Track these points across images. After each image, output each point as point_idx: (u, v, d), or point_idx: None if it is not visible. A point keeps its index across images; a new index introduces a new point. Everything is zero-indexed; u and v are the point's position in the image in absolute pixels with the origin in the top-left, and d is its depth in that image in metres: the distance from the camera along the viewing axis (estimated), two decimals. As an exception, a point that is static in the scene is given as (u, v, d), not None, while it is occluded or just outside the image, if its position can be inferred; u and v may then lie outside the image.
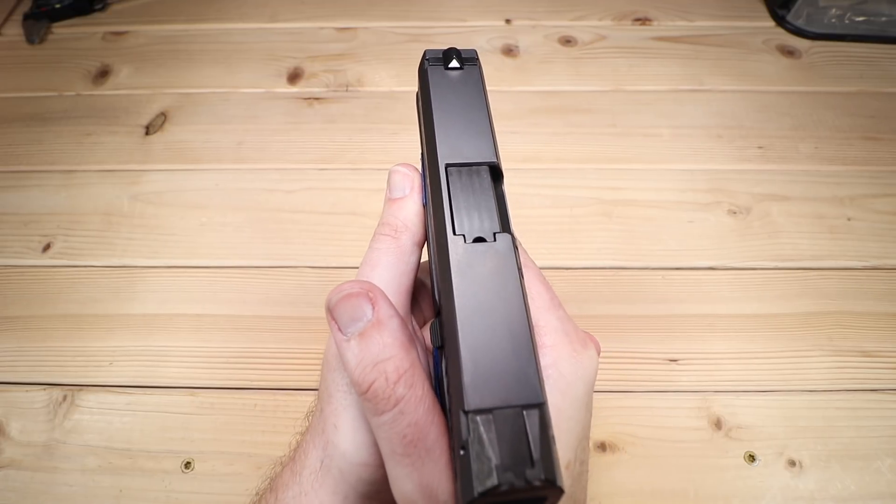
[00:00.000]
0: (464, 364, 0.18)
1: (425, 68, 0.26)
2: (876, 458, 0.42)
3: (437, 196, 0.23)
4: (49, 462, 0.42)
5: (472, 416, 0.18)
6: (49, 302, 0.51)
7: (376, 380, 0.21)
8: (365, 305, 0.22)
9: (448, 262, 0.21)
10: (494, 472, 0.17)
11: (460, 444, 0.17)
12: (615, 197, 0.57)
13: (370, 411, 0.21)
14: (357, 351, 0.22)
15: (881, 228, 0.54)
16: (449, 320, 0.20)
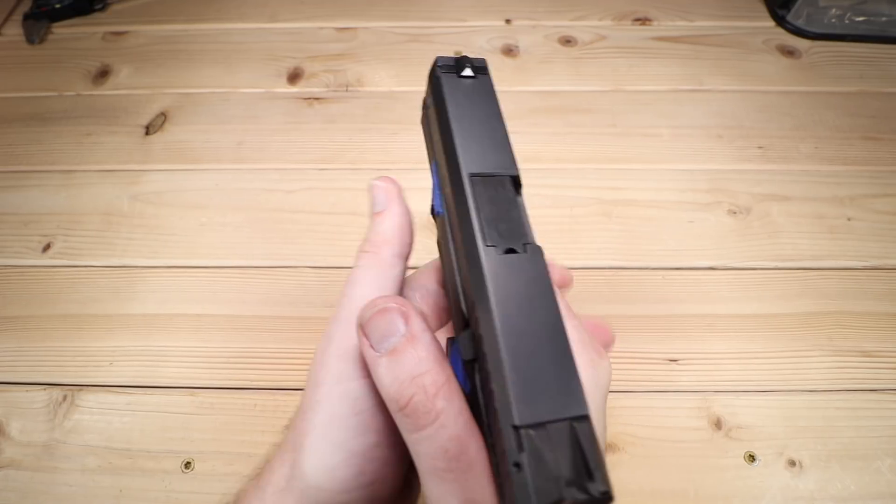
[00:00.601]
0: (510, 378, 0.18)
1: (438, 76, 0.26)
2: (876, 458, 0.42)
3: (461, 206, 0.22)
4: (49, 462, 0.42)
5: (524, 431, 0.17)
6: (49, 302, 0.51)
7: (415, 394, 0.21)
8: (398, 320, 0.22)
9: (482, 274, 0.20)
10: (556, 487, 0.16)
11: (513, 461, 0.17)
12: (615, 197, 0.57)
13: (409, 428, 0.21)
14: (392, 366, 0.21)
15: (881, 228, 0.54)
16: (488, 333, 0.19)
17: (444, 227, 0.25)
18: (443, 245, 0.26)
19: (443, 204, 0.25)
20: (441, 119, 0.25)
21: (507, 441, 0.18)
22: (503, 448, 0.18)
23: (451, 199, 0.23)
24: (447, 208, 0.24)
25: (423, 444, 0.21)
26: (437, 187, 0.26)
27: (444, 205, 0.25)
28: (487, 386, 0.20)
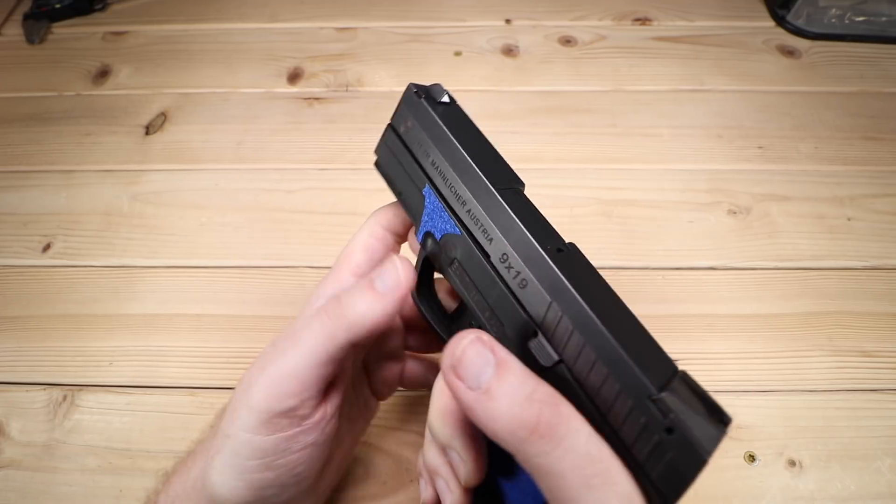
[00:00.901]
0: (628, 357, 0.20)
1: (419, 102, 0.27)
2: (876, 458, 0.42)
3: (502, 218, 0.25)
4: (49, 462, 0.42)
5: (660, 398, 0.19)
6: (49, 302, 0.51)
7: (540, 412, 0.20)
8: (486, 352, 0.22)
9: (556, 273, 0.22)
10: (712, 430, 0.19)
11: (664, 428, 0.19)
12: (615, 197, 0.57)
13: (546, 449, 0.20)
14: (503, 397, 0.21)
15: (881, 228, 0.54)
16: (584, 324, 0.21)
17: (456, 247, 0.26)
18: (454, 266, 0.26)
19: (455, 224, 0.26)
20: (440, 141, 0.26)
21: (646, 415, 0.19)
22: (643, 424, 0.19)
23: (480, 214, 0.25)
24: (468, 225, 0.25)
25: (567, 458, 0.20)
26: (436, 211, 0.27)
27: (457, 224, 0.26)
28: (585, 380, 0.21)
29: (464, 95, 0.66)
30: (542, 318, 0.23)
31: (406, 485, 0.41)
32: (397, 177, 0.28)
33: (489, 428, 0.21)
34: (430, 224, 0.28)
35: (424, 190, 0.27)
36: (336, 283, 0.31)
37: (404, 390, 0.45)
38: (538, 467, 0.21)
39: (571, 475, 0.20)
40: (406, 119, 0.27)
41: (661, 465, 0.20)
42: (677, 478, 0.20)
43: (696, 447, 0.19)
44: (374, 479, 0.42)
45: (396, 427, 0.44)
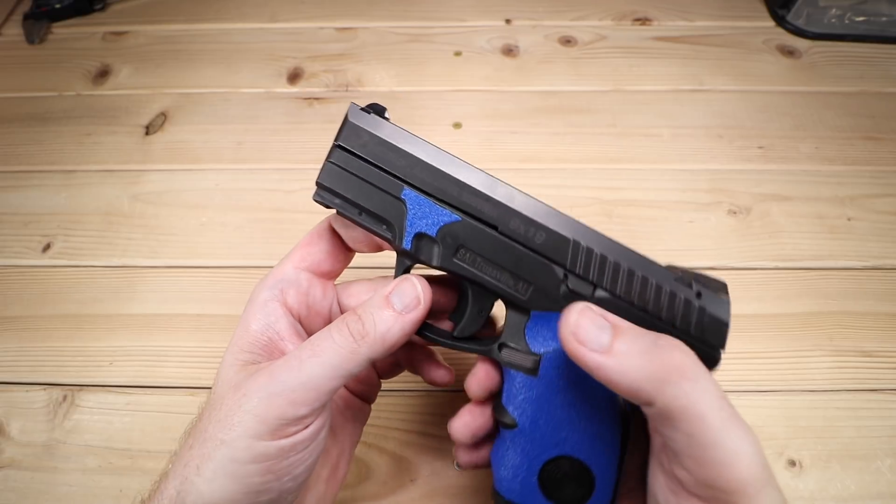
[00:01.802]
0: (647, 258, 0.28)
1: (371, 116, 0.29)
2: (876, 458, 0.42)
3: (497, 188, 0.28)
4: (49, 462, 0.42)
5: (681, 276, 0.27)
6: (49, 302, 0.51)
7: (671, 354, 0.24)
8: (599, 318, 0.25)
9: (566, 216, 0.28)
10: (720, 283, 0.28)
11: (696, 293, 0.27)
12: (615, 197, 0.57)
13: (686, 388, 0.22)
14: (628, 350, 0.24)
15: (881, 228, 0.54)
16: (604, 244, 0.28)
17: (458, 233, 0.28)
18: (460, 253, 0.28)
19: (451, 212, 0.28)
20: (411, 144, 0.28)
21: (681, 292, 0.27)
22: (683, 300, 0.27)
23: (478, 192, 0.28)
24: (466, 209, 0.28)
25: (706, 396, 0.23)
26: (423, 208, 0.28)
27: (455, 211, 0.28)
28: (625, 290, 0.27)
29: (464, 95, 0.66)
30: (567, 258, 0.28)
31: (406, 485, 0.41)
32: (358, 195, 0.28)
33: (622, 383, 0.24)
34: (419, 224, 0.28)
35: (404, 193, 0.28)
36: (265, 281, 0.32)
37: (404, 391, 0.45)
38: (680, 410, 0.22)
39: (712, 415, 0.22)
40: (360, 135, 0.28)
41: (703, 325, 0.27)
42: (721, 327, 0.27)
43: (721, 299, 0.27)
44: (374, 479, 0.42)
45: (396, 427, 0.44)
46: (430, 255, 0.29)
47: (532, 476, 0.29)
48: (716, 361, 0.27)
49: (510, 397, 0.29)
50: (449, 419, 0.46)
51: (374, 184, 0.28)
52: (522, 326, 0.29)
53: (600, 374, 0.24)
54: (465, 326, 0.31)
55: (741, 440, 0.22)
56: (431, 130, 0.62)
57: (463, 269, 0.29)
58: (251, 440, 0.25)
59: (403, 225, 0.28)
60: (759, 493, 0.22)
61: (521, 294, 0.28)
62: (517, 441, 0.30)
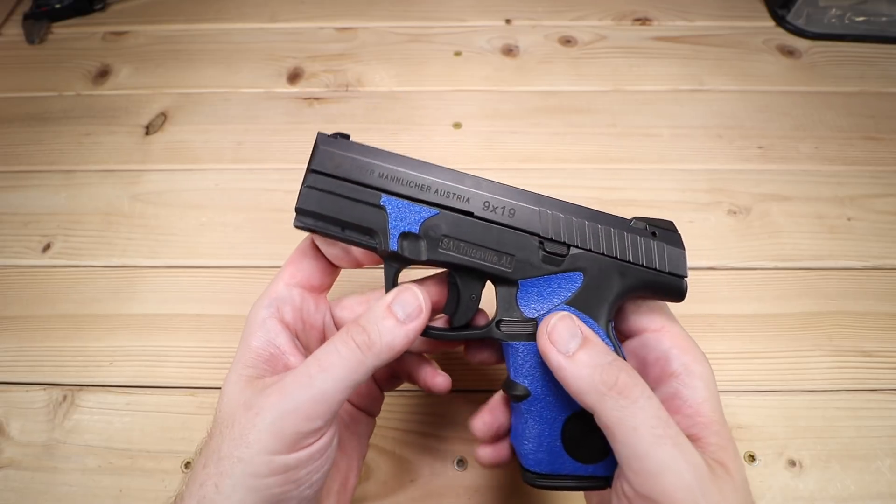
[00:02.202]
0: (602, 212, 0.32)
1: (339, 140, 0.31)
2: (876, 458, 0.42)
3: (463, 180, 0.31)
4: (49, 462, 0.42)
5: (633, 222, 0.32)
6: (49, 302, 0.51)
7: (619, 374, 0.26)
8: (574, 326, 0.28)
9: (527, 191, 0.32)
10: (668, 222, 0.34)
11: (650, 233, 0.32)
12: (615, 197, 0.57)
13: (622, 404, 0.25)
14: (590, 359, 0.27)
15: (881, 228, 0.54)
16: (567, 208, 0.32)
17: (439, 224, 0.31)
18: (444, 242, 0.31)
19: (428, 208, 0.31)
20: (380, 157, 0.31)
21: (637, 234, 0.32)
22: (640, 241, 0.31)
23: (448, 186, 0.31)
24: (441, 202, 0.31)
25: (640, 414, 0.25)
26: (403, 209, 0.31)
27: (431, 207, 0.31)
28: (593, 243, 0.31)
29: (464, 95, 0.66)
30: (538, 227, 0.31)
31: (406, 485, 0.41)
32: (339, 211, 0.31)
33: (573, 385, 0.27)
34: (401, 225, 0.31)
35: (382, 200, 0.31)
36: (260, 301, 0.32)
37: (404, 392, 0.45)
38: (615, 420, 0.25)
39: (644, 429, 0.25)
40: (332, 157, 0.31)
41: (665, 258, 0.31)
42: (680, 256, 0.32)
43: (674, 233, 0.32)
44: (374, 479, 0.42)
45: (396, 427, 0.44)
46: (416, 252, 0.31)
47: (556, 440, 0.31)
48: (683, 291, 0.32)
49: (517, 369, 0.31)
50: (449, 419, 0.46)
51: (354, 198, 0.31)
52: (514, 298, 0.32)
53: (559, 373, 0.28)
54: (462, 314, 0.32)
55: (674, 457, 0.24)
56: (431, 130, 0.62)
57: (450, 257, 0.31)
58: (269, 455, 0.26)
59: (387, 229, 0.31)
60: None
61: (507, 267, 0.31)
62: (533, 409, 0.31)
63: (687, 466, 0.24)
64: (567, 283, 0.31)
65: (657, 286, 0.32)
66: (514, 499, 0.41)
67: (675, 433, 0.25)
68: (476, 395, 0.45)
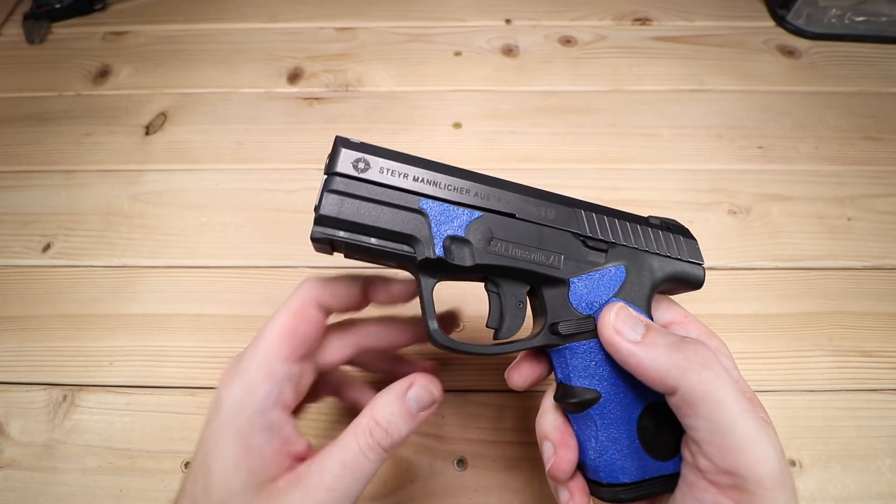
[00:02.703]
0: (626, 211, 0.34)
1: (360, 143, 0.30)
2: (876, 458, 0.42)
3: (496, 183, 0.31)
4: (49, 462, 0.42)
5: (651, 220, 0.34)
6: (49, 302, 0.51)
7: (694, 346, 0.26)
8: (633, 315, 0.29)
9: (560, 194, 0.32)
10: (680, 223, 0.35)
11: (667, 227, 0.34)
12: (615, 197, 0.57)
13: (706, 375, 0.25)
14: (658, 342, 0.27)
15: (881, 228, 0.54)
16: (598, 209, 0.32)
17: (486, 225, 0.30)
18: (492, 242, 0.30)
19: (472, 210, 0.30)
20: (410, 160, 0.30)
21: (658, 228, 0.33)
22: (661, 235, 0.33)
23: (486, 189, 0.30)
24: (482, 205, 0.30)
25: (725, 385, 0.25)
26: (445, 213, 0.29)
27: (474, 209, 0.30)
28: (629, 238, 0.32)
29: (464, 95, 0.66)
30: (576, 224, 0.31)
31: (406, 485, 0.41)
32: (373, 217, 0.28)
33: (651, 369, 0.27)
34: (447, 228, 0.29)
35: (421, 203, 0.29)
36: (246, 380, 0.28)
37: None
38: (702, 394, 0.25)
39: (730, 402, 0.25)
40: (357, 161, 0.28)
41: (684, 248, 0.33)
42: (695, 245, 0.34)
43: (682, 226, 0.34)
44: (374, 478, 0.42)
45: (396, 427, 0.44)
46: (462, 256, 0.29)
47: (635, 441, 0.29)
48: (703, 278, 0.34)
49: (578, 373, 0.30)
50: (449, 419, 0.46)
51: (388, 202, 0.28)
52: (566, 297, 0.31)
53: (632, 360, 0.27)
54: (511, 322, 0.31)
55: (759, 432, 0.24)
56: (431, 130, 0.62)
57: (500, 259, 0.30)
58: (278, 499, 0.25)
59: (430, 234, 0.29)
60: (775, 489, 0.24)
61: (557, 265, 0.31)
62: (606, 412, 0.30)
63: (770, 442, 0.24)
64: (613, 277, 0.31)
65: (683, 275, 0.33)
66: (515, 499, 0.41)
67: (753, 408, 0.25)
68: (476, 396, 0.45)
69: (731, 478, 0.24)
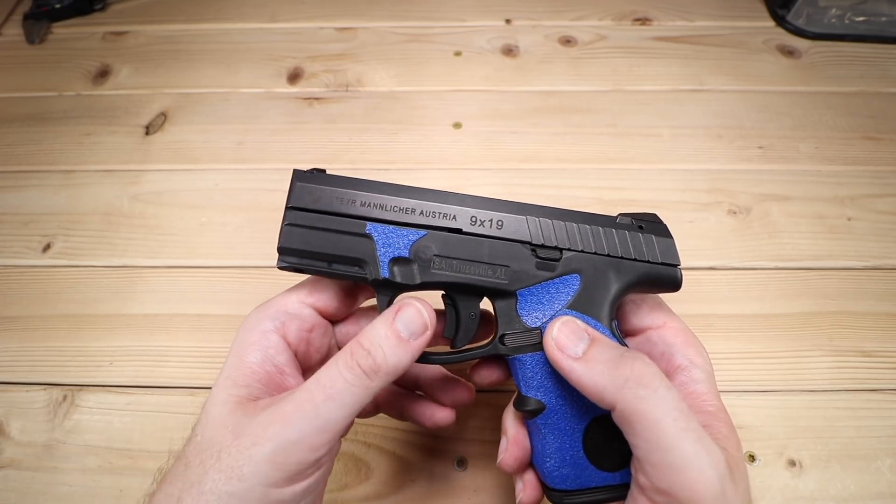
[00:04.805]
0: (586, 213, 0.32)
1: (316, 174, 0.31)
2: (876, 458, 0.42)
3: (446, 198, 0.31)
4: (49, 462, 0.42)
5: (619, 218, 0.32)
6: (49, 302, 0.51)
7: (633, 363, 0.26)
8: (580, 330, 0.28)
9: (510, 201, 0.32)
10: (654, 214, 0.34)
11: (637, 227, 0.32)
12: (615, 197, 0.57)
13: (642, 394, 0.25)
14: (599, 357, 0.26)
15: (881, 228, 0.54)
16: (553, 213, 0.32)
17: (429, 245, 0.30)
18: (435, 262, 0.30)
19: (416, 230, 0.31)
20: (360, 186, 0.31)
21: (626, 229, 0.32)
22: (630, 236, 0.31)
23: (432, 206, 0.31)
24: (427, 223, 0.30)
25: (662, 404, 0.25)
26: (391, 235, 0.30)
27: (418, 229, 0.31)
28: (586, 243, 0.31)
29: (464, 95, 0.66)
30: (528, 234, 0.31)
31: (406, 485, 0.41)
32: (325, 245, 0.30)
33: (590, 385, 0.26)
34: (390, 251, 0.30)
35: (368, 228, 0.30)
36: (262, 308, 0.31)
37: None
38: (638, 413, 0.25)
39: (667, 421, 0.24)
40: (311, 192, 0.31)
41: (656, 250, 0.32)
42: (671, 246, 0.32)
43: (660, 223, 0.32)
44: (374, 479, 0.42)
45: (396, 427, 0.44)
46: (408, 276, 0.30)
47: (578, 451, 0.30)
48: (679, 280, 0.32)
49: (527, 383, 0.31)
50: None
51: (338, 230, 0.30)
52: (514, 309, 0.31)
53: (572, 376, 0.27)
54: (463, 334, 0.32)
55: (698, 452, 0.24)
56: (431, 130, 0.62)
57: (443, 276, 0.30)
58: (267, 488, 0.24)
59: (376, 256, 0.30)
60: None
61: (503, 279, 0.31)
62: (550, 422, 0.30)
63: (710, 462, 0.24)
64: (565, 287, 0.31)
65: (653, 278, 0.32)
66: (514, 499, 0.41)
67: (696, 427, 0.25)
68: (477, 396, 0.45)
69: (666, 498, 0.24)
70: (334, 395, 0.26)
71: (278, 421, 0.25)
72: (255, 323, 0.30)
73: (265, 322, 0.30)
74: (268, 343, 0.29)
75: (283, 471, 0.25)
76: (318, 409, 0.25)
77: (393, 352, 0.27)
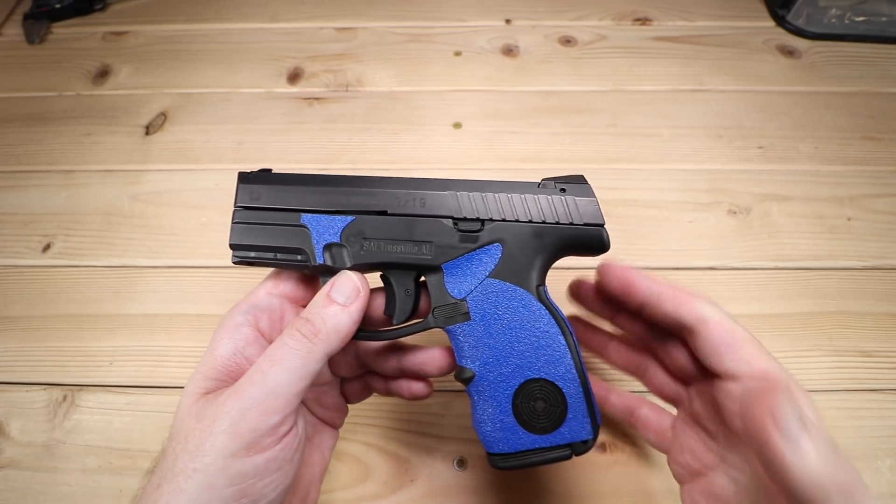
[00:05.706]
0: (510, 181, 0.33)
1: (256, 174, 0.34)
2: (876, 458, 0.42)
3: (368, 183, 0.33)
4: (49, 462, 0.42)
5: (541, 184, 0.33)
6: (49, 302, 0.51)
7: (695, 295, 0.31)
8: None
9: (432, 178, 0.33)
10: (580, 176, 0.34)
11: (559, 189, 0.33)
12: (615, 197, 0.57)
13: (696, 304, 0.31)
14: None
15: (881, 228, 0.54)
16: (474, 185, 0.33)
17: (359, 227, 0.32)
18: (366, 243, 0.32)
19: (345, 216, 0.32)
20: (293, 181, 0.33)
21: (547, 193, 0.33)
22: (551, 200, 0.32)
23: (357, 191, 0.33)
24: (354, 208, 0.32)
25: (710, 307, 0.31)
26: (322, 223, 0.32)
27: (347, 214, 0.33)
28: (507, 211, 0.32)
29: (464, 95, 0.66)
30: (450, 209, 0.32)
31: (406, 485, 0.41)
32: (268, 238, 0.33)
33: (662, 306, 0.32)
34: (325, 237, 0.32)
35: (303, 218, 0.33)
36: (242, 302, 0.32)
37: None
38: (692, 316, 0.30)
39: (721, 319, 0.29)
40: (252, 191, 0.33)
41: (578, 211, 0.32)
42: (593, 206, 0.33)
43: (583, 184, 0.33)
44: (374, 479, 0.42)
45: (396, 427, 0.44)
46: (342, 260, 0.32)
47: (508, 416, 0.31)
48: (605, 241, 0.33)
49: (460, 353, 0.32)
50: (449, 419, 0.46)
51: (277, 223, 0.33)
52: (441, 283, 0.32)
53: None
54: (400, 310, 0.33)
55: (748, 341, 0.29)
56: (431, 130, 0.62)
57: (372, 256, 0.32)
58: (227, 459, 0.25)
59: (312, 244, 0.32)
60: (786, 385, 0.27)
61: (427, 254, 0.32)
62: (481, 389, 0.32)
63: (765, 353, 0.30)
64: (487, 256, 0.32)
65: (578, 240, 0.32)
66: (514, 499, 0.41)
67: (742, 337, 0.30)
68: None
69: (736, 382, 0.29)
70: (278, 360, 0.27)
71: (234, 395, 0.27)
72: (227, 319, 0.31)
73: (237, 317, 0.31)
74: (238, 336, 0.30)
75: (240, 439, 0.26)
76: (266, 375, 0.27)
77: (331, 315, 0.29)
